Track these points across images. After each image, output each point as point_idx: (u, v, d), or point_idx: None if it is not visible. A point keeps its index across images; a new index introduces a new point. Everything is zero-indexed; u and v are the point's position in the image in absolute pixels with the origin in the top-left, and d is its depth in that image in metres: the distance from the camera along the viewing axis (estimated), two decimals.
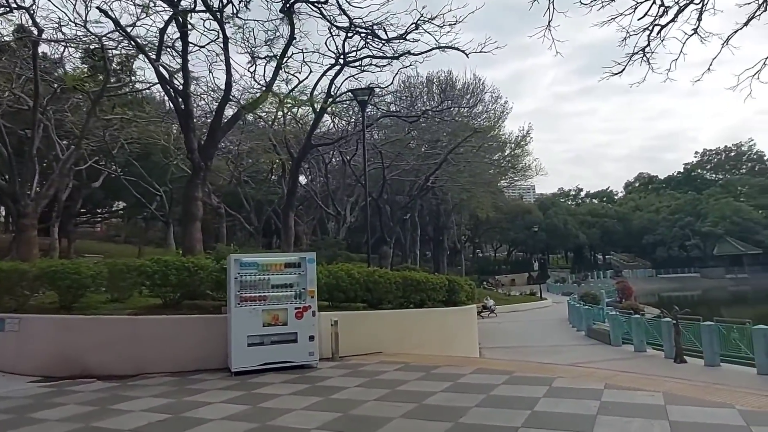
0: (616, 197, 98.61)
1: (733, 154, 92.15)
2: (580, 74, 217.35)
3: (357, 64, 15.03)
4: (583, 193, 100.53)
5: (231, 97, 14.25)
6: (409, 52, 14.41)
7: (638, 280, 69.54)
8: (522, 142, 44.13)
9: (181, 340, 9.62)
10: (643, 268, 78.94)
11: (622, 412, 5.75)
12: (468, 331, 15.19)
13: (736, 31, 9.23)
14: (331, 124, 27.69)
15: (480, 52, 14.62)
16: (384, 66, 15.48)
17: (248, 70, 15.46)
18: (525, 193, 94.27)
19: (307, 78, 19.84)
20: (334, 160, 29.43)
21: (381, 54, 14.50)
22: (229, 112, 15.81)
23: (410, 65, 14.93)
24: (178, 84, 13.14)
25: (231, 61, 13.31)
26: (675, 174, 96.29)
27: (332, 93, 15.52)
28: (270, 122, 22.23)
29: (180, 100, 12.74)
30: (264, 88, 14.71)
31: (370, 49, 14.37)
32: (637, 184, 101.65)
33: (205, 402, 6.89)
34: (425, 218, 46.10)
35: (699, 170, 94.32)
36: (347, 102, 20.83)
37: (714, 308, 50.67)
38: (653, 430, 5.09)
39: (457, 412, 5.93)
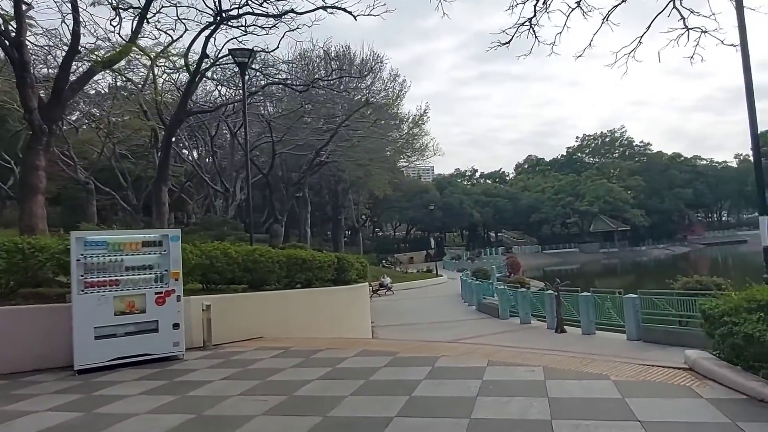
0: (507, 178, 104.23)
1: (607, 139, 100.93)
2: (478, 60, 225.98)
3: (238, 23, 13.67)
4: (477, 174, 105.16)
5: (82, 48, 12.26)
6: (292, 10, 13.30)
7: (526, 256, 74.33)
8: (420, 121, 44.54)
9: (15, 336, 8.05)
10: (530, 245, 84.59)
11: (502, 391, 5.44)
12: (359, 311, 14.72)
13: (615, 7, 9.35)
14: (217, 93, 25.74)
15: (369, 15, 13.99)
16: (269, 28, 14.26)
17: (110, 23, 13.48)
18: (424, 174, 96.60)
19: (182, 36, 17.96)
20: (222, 132, 27.45)
21: (263, 11, 13.27)
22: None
23: (297, 28, 13.79)
24: (12, 30, 11.00)
25: (80, 6, 11.43)
26: (559, 157, 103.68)
27: (210, 54, 14.04)
28: (141, 85, 19.88)
29: (14, 49, 10.63)
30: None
31: (251, 5, 13.06)
32: (526, 166, 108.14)
33: (27, 411, 5.64)
34: (324, 197, 45.24)
35: (579, 154, 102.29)
36: (233, 68, 19.20)
37: (590, 280, 55.47)
38: (532, 410, 4.79)
39: (329, 403, 5.29)
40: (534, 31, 9.65)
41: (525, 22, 9.57)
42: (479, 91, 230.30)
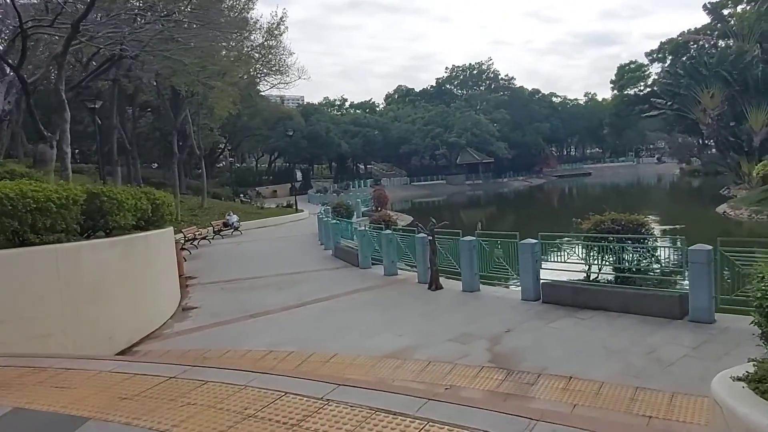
0: (378, 109, 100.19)
1: (475, 71, 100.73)
2: None
3: None
4: (347, 104, 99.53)
5: None
6: None
7: (395, 188, 72.29)
8: (276, 32, 37.79)
9: None
10: (399, 177, 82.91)
11: None
12: (145, 274, 9.57)
13: None
14: None
15: None
16: None
17: None
18: (294, 104, 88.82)
19: None
20: None
21: None
22: None
23: None
24: None
25: None
26: (428, 88, 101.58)
27: None
28: None
29: None
30: None
31: None
32: (396, 96, 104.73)
33: None
34: (162, 115, 37.08)
35: (448, 85, 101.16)
36: None
37: (455, 211, 55.00)
38: None
39: None
40: None
41: None
42: (352, 20, 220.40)
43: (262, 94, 61.11)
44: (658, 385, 5.63)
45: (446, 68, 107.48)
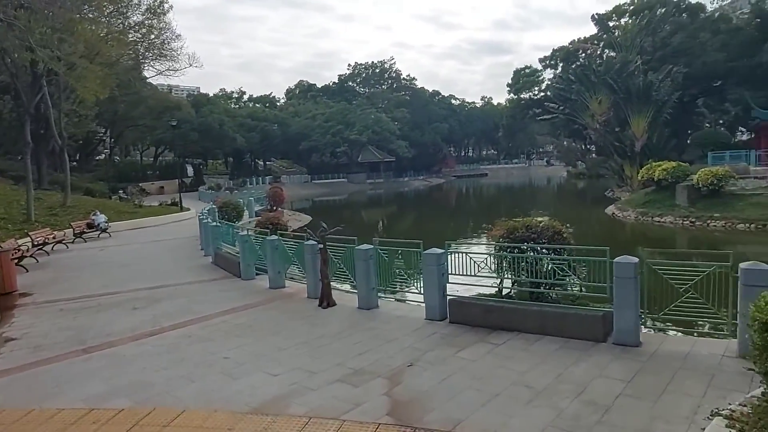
0: (278, 104, 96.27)
1: (378, 70, 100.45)
2: None
3: None
4: (246, 97, 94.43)
5: None
6: None
7: (294, 186, 69.56)
8: (158, 10, 34.02)
9: None
10: (300, 174, 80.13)
11: None
12: None
13: None
14: None
15: None
16: None
17: None
18: (190, 95, 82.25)
19: None
20: None
21: None
22: None
23: None
24: None
25: None
26: (331, 84, 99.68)
27: None
28: None
29: None
30: None
31: None
32: (297, 92, 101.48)
33: None
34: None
35: (350, 83, 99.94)
36: None
37: (356, 211, 53.75)
38: None
39: None
40: None
41: None
42: (253, 11, 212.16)
43: (149, 80, 55.63)
44: None
45: (349, 65, 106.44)
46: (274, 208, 32.46)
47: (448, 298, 8.24)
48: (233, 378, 6.53)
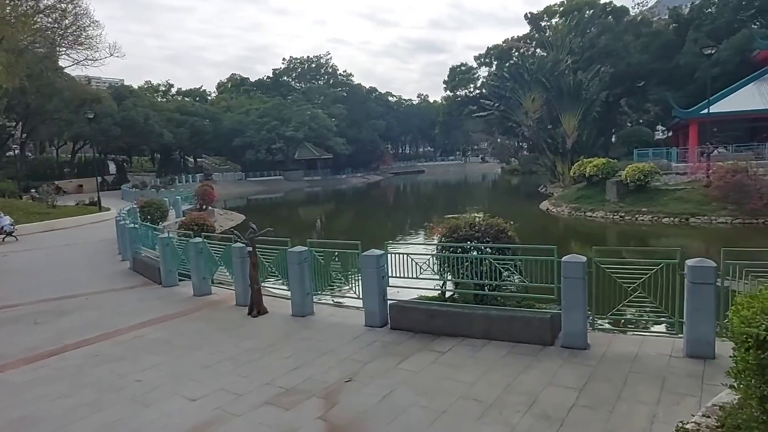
0: (209, 98, 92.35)
1: (314, 65, 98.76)
2: None
3: None
4: (174, 90, 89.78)
5: None
6: None
7: (228, 184, 67.00)
8: None
9: None
10: (234, 172, 77.30)
11: None
12: None
13: None
14: None
15: None
16: None
17: None
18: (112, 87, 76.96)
19: None
20: None
21: None
22: None
23: None
24: None
25: None
26: (265, 79, 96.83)
27: None
28: None
29: None
30: None
31: None
32: (229, 85, 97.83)
33: None
34: None
35: (285, 77, 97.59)
36: None
37: (293, 209, 52.39)
38: None
39: None
40: None
41: None
42: (181, 2, 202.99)
43: (65, 71, 51.43)
44: None
45: (284, 59, 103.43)
46: (204, 207, 30.80)
47: (389, 302, 7.69)
48: (145, 405, 5.65)
